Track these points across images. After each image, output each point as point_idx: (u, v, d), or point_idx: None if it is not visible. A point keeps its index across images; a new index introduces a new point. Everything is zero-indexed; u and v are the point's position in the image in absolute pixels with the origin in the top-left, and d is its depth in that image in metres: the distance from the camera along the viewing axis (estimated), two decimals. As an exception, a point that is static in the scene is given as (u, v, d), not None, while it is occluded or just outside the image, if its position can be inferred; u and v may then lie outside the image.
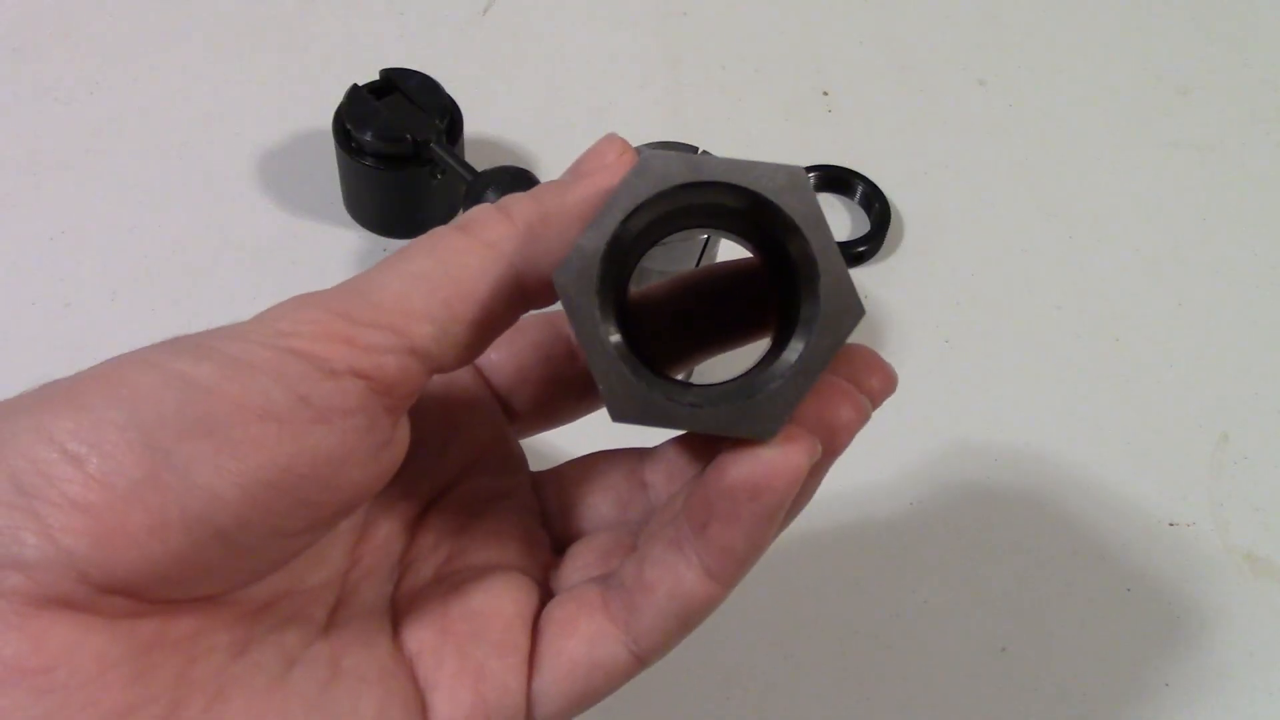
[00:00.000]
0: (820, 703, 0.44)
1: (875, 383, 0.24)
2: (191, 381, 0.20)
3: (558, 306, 0.22)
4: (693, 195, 0.22)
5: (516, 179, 0.49)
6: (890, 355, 0.54)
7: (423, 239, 0.23)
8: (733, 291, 0.28)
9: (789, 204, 0.21)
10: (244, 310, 0.22)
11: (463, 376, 0.28)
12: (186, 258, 0.54)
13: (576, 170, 0.23)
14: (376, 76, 0.54)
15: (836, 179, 0.61)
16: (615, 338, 0.22)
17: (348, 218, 0.57)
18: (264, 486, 0.20)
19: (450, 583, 0.25)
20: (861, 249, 0.58)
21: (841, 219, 0.60)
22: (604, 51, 0.66)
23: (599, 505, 0.27)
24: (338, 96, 0.53)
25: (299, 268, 0.55)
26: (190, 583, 0.21)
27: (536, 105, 0.63)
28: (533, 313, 0.25)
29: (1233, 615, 0.48)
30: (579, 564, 0.26)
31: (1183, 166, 0.65)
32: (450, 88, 0.55)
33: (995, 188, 0.62)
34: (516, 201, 0.23)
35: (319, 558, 0.24)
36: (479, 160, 0.53)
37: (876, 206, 0.59)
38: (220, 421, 0.20)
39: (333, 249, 0.56)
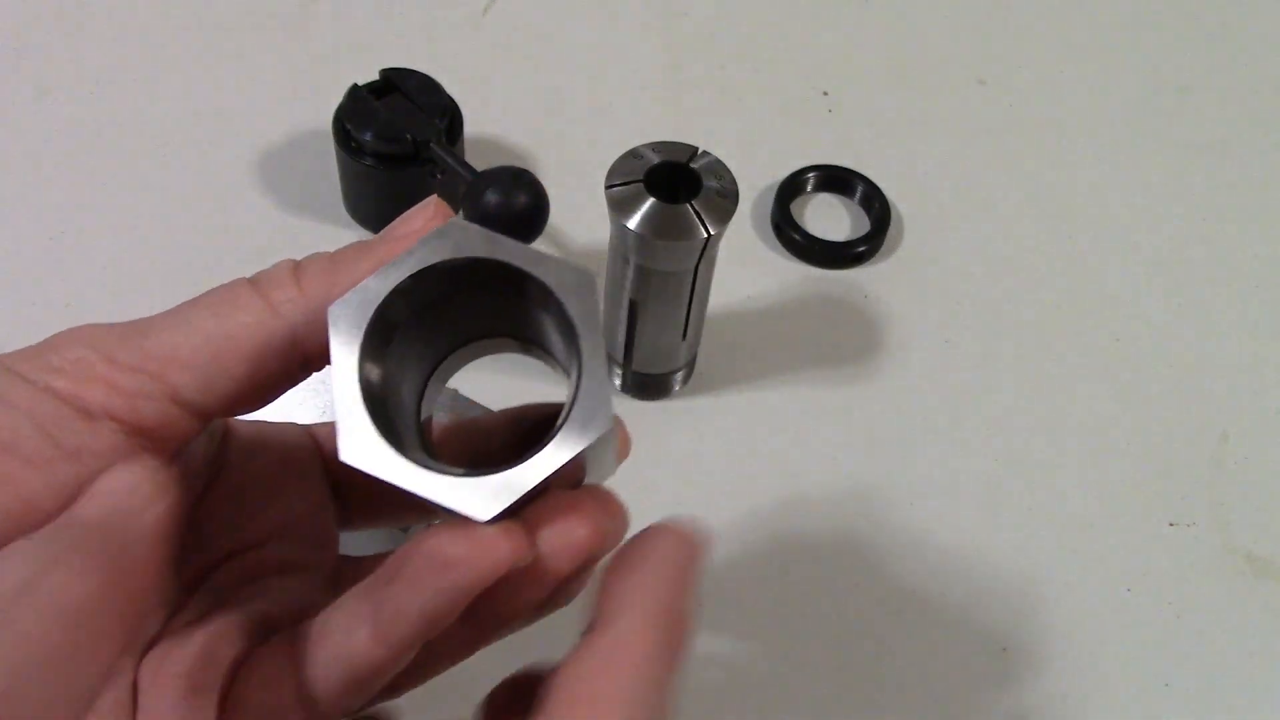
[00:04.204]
0: (820, 703, 0.44)
1: (609, 522, 0.23)
2: None
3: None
4: (492, 270, 0.22)
5: (516, 179, 0.49)
6: (890, 355, 0.55)
7: (217, 288, 0.23)
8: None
9: (570, 302, 0.22)
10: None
11: (301, 448, 0.29)
12: (186, 258, 0.54)
13: (385, 233, 0.24)
14: (376, 76, 0.54)
15: (836, 179, 0.61)
16: (372, 376, 0.22)
17: (348, 218, 0.57)
18: (7, 519, 0.20)
19: (187, 634, 0.25)
20: (861, 249, 0.58)
21: (841, 219, 0.60)
22: (604, 51, 0.66)
23: None
24: (338, 96, 0.53)
25: (299, 268, 0.55)
26: None
27: (536, 105, 0.63)
28: None
29: (1233, 615, 0.48)
30: None
31: (1183, 166, 0.65)
32: (450, 88, 0.55)
33: (995, 188, 0.62)
34: (314, 262, 0.24)
35: None
36: (479, 160, 0.53)
37: (876, 206, 0.59)
38: None
39: (332, 249, 0.56)
